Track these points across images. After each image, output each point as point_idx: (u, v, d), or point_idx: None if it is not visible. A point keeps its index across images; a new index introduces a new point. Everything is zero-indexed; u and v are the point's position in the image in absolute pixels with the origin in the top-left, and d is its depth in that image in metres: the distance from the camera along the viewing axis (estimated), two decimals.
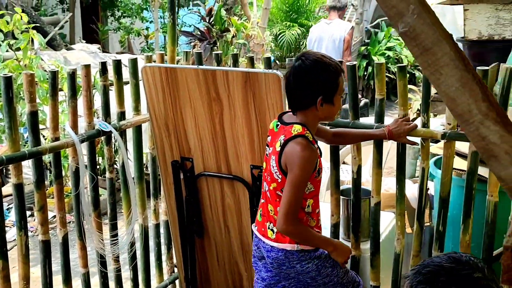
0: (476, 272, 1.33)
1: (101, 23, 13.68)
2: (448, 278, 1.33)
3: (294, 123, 2.23)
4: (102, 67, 2.83)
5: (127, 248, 3.08)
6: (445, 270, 1.36)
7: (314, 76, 2.16)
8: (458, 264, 1.36)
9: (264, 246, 2.35)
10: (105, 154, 2.97)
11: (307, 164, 2.16)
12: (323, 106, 2.19)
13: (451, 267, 1.35)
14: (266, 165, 2.36)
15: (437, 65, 0.81)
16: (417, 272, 1.38)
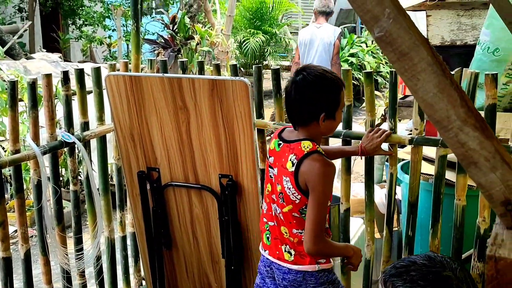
0: (447, 270, 1.38)
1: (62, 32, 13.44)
2: (417, 273, 1.38)
3: (301, 139, 2.14)
4: (64, 76, 2.74)
5: (93, 262, 3.00)
6: (416, 265, 1.41)
7: (317, 92, 2.08)
8: (430, 261, 1.42)
9: (279, 269, 2.25)
10: (68, 165, 2.88)
11: (329, 179, 2.09)
12: (325, 122, 2.11)
13: (423, 263, 1.41)
14: (272, 187, 2.25)
15: (414, 71, 0.79)
16: (392, 267, 1.45)
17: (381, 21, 0.79)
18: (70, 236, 2.98)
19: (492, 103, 2.37)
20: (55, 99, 4.89)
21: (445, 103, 0.78)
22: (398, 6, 0.79)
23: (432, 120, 0.81)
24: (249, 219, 2.76)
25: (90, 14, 13.42)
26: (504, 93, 3.11)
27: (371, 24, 0.79)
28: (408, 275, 1.40)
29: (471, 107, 0.80)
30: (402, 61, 0.79)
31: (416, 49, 0.78)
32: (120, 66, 3.11)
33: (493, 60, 3.09)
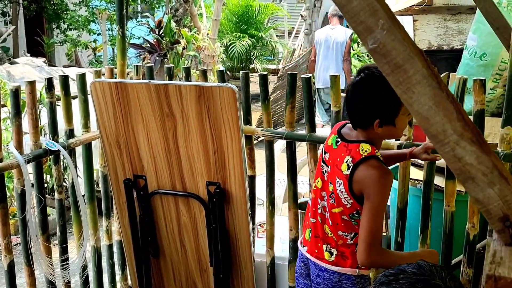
0: (436, 279, 1.37)
1: (47, 36, 13.32)
2: (406, 281, 1.37)
3: (360, 141, 2.00)
4: (48, 83, 2.70)
5: (79, 271, 2.95)
6: (406, 273, 1.41)
7: (371, 96, 1.94)
8: (420, 269, 1.42)
9: (316, 265, 2.17)
10: (53, 173, 2.83)
11: (387, 188, 1.95)
12: (383, 127, 1.96)
13: (412, 272, 1.41)
14: (323, 184, 2.14)
15: (409, 83, 0.77)
16: (383, 275, 1.44)
17: (374, 32, 0.76)
18: (56, 244, 2.93)
19: (481, 108, 2.37)
20: (40, 104, 4.83)
21: (441, 116, 0.76)
22: (392, 17, 0.77)
23: (428, 134, 0.79)
24: (237, 226, 2.73)
25: (74, 18, 13.31)
26: (491, 98, 3.12)
27: (365, 36, 0.77)
28: (397, 283, 1.40)
29: (467, 120, 0.78)
30: (397, 74, 0.77)
31: (411, 61, 0.75)
32: (106, 72, 3.07)
33: (480, 65, 3.09)
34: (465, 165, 0.77)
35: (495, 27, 2.31)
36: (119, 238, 3.15)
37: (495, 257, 0.74)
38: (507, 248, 0.77)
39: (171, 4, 10.13)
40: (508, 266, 0.71)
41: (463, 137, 0.76)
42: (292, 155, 2.80)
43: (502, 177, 0.77)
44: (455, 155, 0.77)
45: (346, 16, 0.78)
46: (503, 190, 0.77)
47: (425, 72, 0.75)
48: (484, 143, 0.77)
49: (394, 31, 0.76)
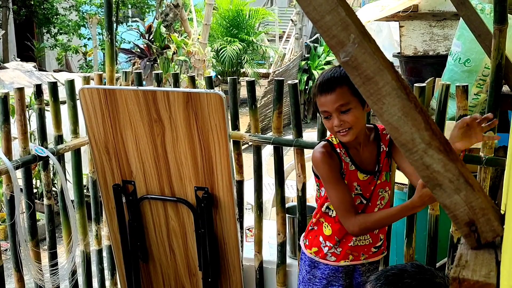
0: (438, 278, 1.40)
1: (37, 40, 13.30)
2: (412, 281, 1.39)
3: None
4: (37, 89, 2.72)
5: (69, 276, 2.96)
6: (409, 273, 1.44)
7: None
8: (421, 269, 1.44)
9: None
10: (42, 179, 2.85)
11: (324, 162, 2.13)
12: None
13: (415, 271, 1.44)
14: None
15: (379, 95, 0.80)
16: (380, 275, 1.45)
17: (346, 46, 0.80)
18: (45, 250, 2.94)
19: (463, 114, 2.41)
20: (30, 109, 4.83)
21: (409, 126, 0.80)
22: (364, 31, 0.80)
23: (398, 143, 0.83)
24: (225, 231, 2.76)
25: (65, 22, 13.31)
26: (475, 103, 3.17)
27: (337, 49, 0.81)
28: (402, 283, 1.41)
29: (435, 130, 0.81)
30: (368, 85, 0.80)
31: (381, 73, 0.79)
32: (95, 78, 3.10)
33: (464, 71, 3.14)
34: (432, 173, 0.80)
35: (476, 34, 2.36)
36: (108, 243, 3.17)
37: (461, 261, 0.78)
38: (473, 252, 0.81)
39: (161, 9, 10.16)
40: (472, 269, 0.74)
41: (431, 146, 0.79)
42: (279, 160, 2.83)
43: (467, 184, 0.81)
44: (423, 163, 0.81)
45: (320, 31, 0.82)
46: (468, 196, 0.81)
47: (394, 84, 0.79)
48: (451, 151, 0.81)
49: (365, 44, 0.79)
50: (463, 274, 0.73)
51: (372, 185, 2.20)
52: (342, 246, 2.27)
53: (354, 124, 2.04)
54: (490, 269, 0.74)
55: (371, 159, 2.19)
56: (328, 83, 2.03)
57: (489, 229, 0.81)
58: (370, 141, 2.20)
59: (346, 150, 2.17)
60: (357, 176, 2.18)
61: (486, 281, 0.71)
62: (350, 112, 2.01)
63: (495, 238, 0.82)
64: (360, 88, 0.82)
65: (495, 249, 0.81)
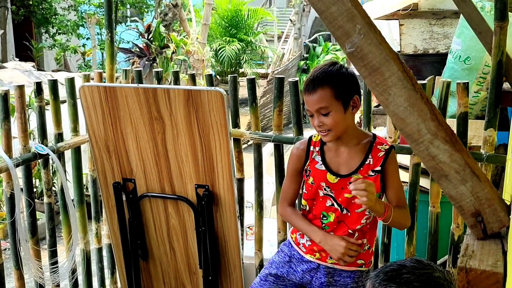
0: (437, 272, 1.40)
1: (35, 40, 13.28)
2: (411, 275, 1.39)
3: None
4: (37, 87, 2.71)
5: (69, 274, 2.96)
6: (408, 268, 1.43)
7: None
8: (420, 264, 1.44)
9: None
10: (42, 177, 2.84)
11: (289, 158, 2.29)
12: None
13: (413, 266, 1.44)
14: None
15: (385, 85, 0.80)
16: (380, 272, 1.46)
17: (352, 37, 0.80)
18: (45, 248, 2.94)
19: (464, 111, 2.41)
20: (29, 109, 4.83)
21: (415, 117, 0.79)
22: (369, 22, 0.80)
23: (403, 134, 0.83)
24: (226, 229, 2.75)
25: (63, 22, 13.29)
26: (475, 100, 3.17)
27: (343, 40, 0.80)
28: (401, 278, 1.41)
29: (441, 120, 0.81)
30: (373, 76, 0.80)
31: (387, 64, 0.79)
32: (95, 76, 3.09)
33: (464, 69, 3.14)
34: (438, 163, 0.80)
35: (477, 32, 2.36)
36: (108, 242, 3.17)
37: (467, 251, 0.78)
38: (479, 242, 0.80)
39: (160, 8, 10.15)
40: (479, 259, 0.74)
41: (437, 136, 0.79)
42: (280, 158, 2.83)
43: (474, 174, 0.81)
44: (429, 154, 0.81)
45: (325, 22, 0.81)
46: (475, 187, 0.81)
47: (401, 75, 0.79)
48: (457, 141, 0.81)
49: (370, 35, 0.79)
50: (470, 264, 0.73)
51: (345, 191, 2.11)
52: (311, 241, 2.24)
53: (333, 127, 2.02)
54: (497, 259, 0.73)
55: (348, 165, 2.12)
56: (311, 83, 2.02)
57: (495, 219, 0.81)
58: (356, 147, 2.12)
59: (321, 149, 2.17)
60: (326, 177, 2.15)
61: (493, 270, 0.71)
62: (329, 115, 1.99)
63: (501, 228, 0.82)
64: (365, 79, 0.82)
65: (501, 240, 0.81)
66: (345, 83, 1.98)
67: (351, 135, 2.11)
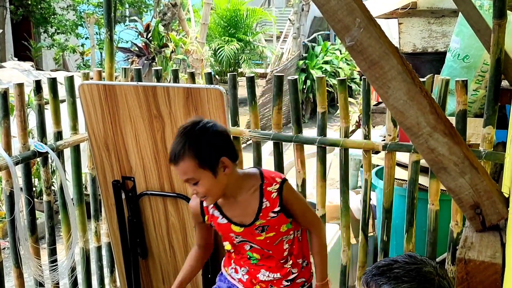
0: (428, 266, 1.41)
1: (34, 40, 13.27)
2: (401, 270, 1.40)
3: None
4: (36, 85, 2.71)
5: (68, 273, 2.96)
6: (399, 263, 1.45)
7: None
8: (412, 259, 1.45)
9: None
10: (41, 175, 2.85)
11: None
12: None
13: (404, 261, 1.45)
14: None
15: (385, 79, 0.81)
16: (374, 267, 1.48)
17: (352, 30, 0.80)
18: (44, 247, 2.94)
19: (463, 109, 2.42)
20: (28, 108, 4.83)
21: (415, 110, 0.80)
22: (369, 16, 0.81)
23: (403, 127, 0.83)
24: None
25: (62, 22, 13.28)
26: (474, 99, 3.18)
27: (342, 34, 0.81)
28: (391, 273, 1.43)
29: (440, 114, 0.81)
30: (373, 70, 0.81)
31: (386, 57, 0.79)
32: (94, 75, 3.09)
33: (463, 67, 3.15)
34: (438, 156, 0.81)
35: (476, 29, 2.36)
36: (107, 240, 3.17)
37: (466, 242, 0.78)
38: (478, 234, 0.81)
39: (159, 8, 10.16)
40: (477, 250, 0.74)
41: (436, 129, 0.79)
42: (279, 156, 2.84)
43: (472, 167, 0.81)
44: (428, 147, 0.81)
45: (325, 15, 0.82)
46: (473, 179, 0.81)
47: (400, 68, 0.79)
48: (456, 134, 0.81)
49: (370, 29, 0.79)
50: (469, 255, 0.73)
51: (256, 235, 2.10)
52: (248, 273, 2.20)
53: (208, 193, 1.96)
54: (496, 250, 0.74)
55: (247, 214, 2.07)
56: (172, 156, 1.94)
57: (494, 211, 0.82)
58: (248, 193, 2.07)
59: (216, 204, 2.11)
60: (231, 228, 2.10)
61: (491, 261, 0.71)
62: (199, 184, 1.94)
63: (500, 220, 0.82)
64: (365, 73, 0.82)
65: (500, 232, 0.81)
66: (208, 148, 1.91)
67: (237, 187, 2.05)
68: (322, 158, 2.77)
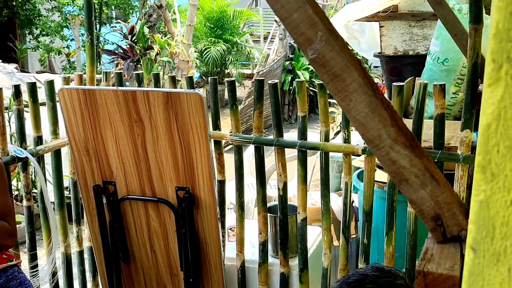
0: (399, 279, 1.42)
1: (19, 42, 13.17)
2: (374, 285, 1.40)
3: None
4: (15, 90, 2.70)
5: (49, 278, 2.94)
6: (370, 278, 1.45)
7: None
8: (381, 272, 1.45)
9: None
10: (21, 181, 2.83)
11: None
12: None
13: (375, 275, 1.44)
14: None
15: (347, 91, 0.81)
16: (343, 283, 1.46)
17: (314, 43, 0.81)
18: (25, 252, 2.92)
19: (441, 112, 2.44)
20: (10, 111, 4.79)
21: (376, 122, 0.81)
22: (331, 29, 0.81)
23: (365, 139, 0.84)
24: (207, 231, 2.76)
25: (47, 24, 13.20)
26: (454, 102, 3.21)
27: (305, 46, 0.81)
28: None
29: (401, 126, 0.82)
30: (335, 82, 0.81)
31: (348, 70, 0.80)
32: (75, 78, 3.08)
33: (442, 70, 3.18)
34: (399, 168, 0.82)
35: (453, 34, 2.39)
36: (89, 245, 3.15)
37: (426, 254, 0.79)
38: (439, 246, 0.82)
39: (144, 9, 10.13)
40: (437, 262, 0.75)
41: (397, 142, 0.80)
42: (260, 160, 2.85)
43: (433, 179, 0.82)
44: (390, 159, 0.82)
45: (288, 28, 0.82)
46: (434, 191, 0.82)
47: (361, 81, 0.80)
48: (417, 146, 0.82)
49: (332, 42, 0.80)
50: (428, 268, 0.74)
51: None
52: None
53: None
54: (454, 262, 0.75)
55: None
56: None
57: (455, 223, 0.83)
58: None
59: None
60: None
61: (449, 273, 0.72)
62: None
63: (461, 231, 0.83)
64: (327, 86, 0.83)
65: (461, 243, 0.82)
66: None
67: None
68: (303, 161, 2.78)
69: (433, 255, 0.79)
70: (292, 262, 2.95)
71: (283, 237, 2.87)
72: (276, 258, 2.98)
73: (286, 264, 2.90)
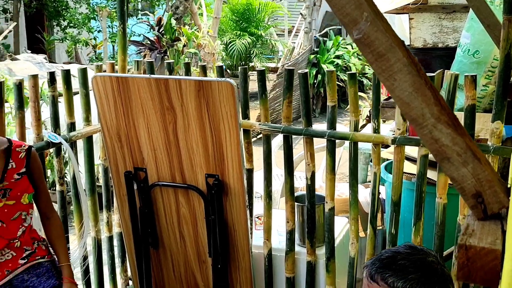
0: (430, 256, 1.44)
1: (47, 33, 13.38)
2: (406, 261, 1.42)
3: None
4: (50, 76, 2.76)
5: (80, 262, 3.01)
6: (402, 255, 1.47)
7: None
8: (414, 250, 1.47)
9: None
10: (54, 166, 2.90)
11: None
12: None
13: (407, 252, 1.47)
14: None
15: (391, 71, 0.83)
16: (376, 260, 1.49)
17: (359, 24, 0.83)
18: None
19: (472, 103, 2.43)
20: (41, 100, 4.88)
21: (419, 101, 0.83)
22: (376, 10, 0.83)
23: (408, 118, 0.86)
24: (235, 218, 2.79)
25: (74, 15, 13.37)
26: (484, 94, 3.19)
27: (350, 27, 0.84)
28: (396, 265, 1.44)
29: (444, 105, 0.84)
30: (380, 62, 0.83)
31: (393, 50, 0.82)
32: (107, 67, 3.14)
33: (473, 62, 3.16)
34: (441, 146, 0.83)
35: (486, 25, 2.37)
36: (119, 230, 3.22)
37: (468, 230, 0.81)
38: (479, 222, 0.84)
39: (171, 2, 10.20)
40: (478, 237, 0.77)
41: (440, 121, 0.82)
42: (288, 149, 2.87)
43: (475, 157, 0.84)
44: (432, 137, 0.84)
45: (333, 9, 0.85)
46: (476, 169, 0.84)
47: (406, 61, 0.82)
48: (459, 125, 0.84)
49: (377, 23, 0.82)
50: (470, 242, 0.76)
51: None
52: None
53: None
54: (496, 237, 0.77)
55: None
56: None
57: (495, 200, 0.84)
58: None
59: None
60: None
61: (491, 247, 0.74)
62: None
63: (501, 209, 0.85)
64: (372, 65, 0.85)
65: (501, 220, 0.84)
66: None
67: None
68: (331, 151, 2.79)
69: (474, 230, 0.81)
70: (318, 251, 2.97)
71: (310, 226, 2.89)
72: (303, 247, 3.00)
73: (312, 253, 2.92)
